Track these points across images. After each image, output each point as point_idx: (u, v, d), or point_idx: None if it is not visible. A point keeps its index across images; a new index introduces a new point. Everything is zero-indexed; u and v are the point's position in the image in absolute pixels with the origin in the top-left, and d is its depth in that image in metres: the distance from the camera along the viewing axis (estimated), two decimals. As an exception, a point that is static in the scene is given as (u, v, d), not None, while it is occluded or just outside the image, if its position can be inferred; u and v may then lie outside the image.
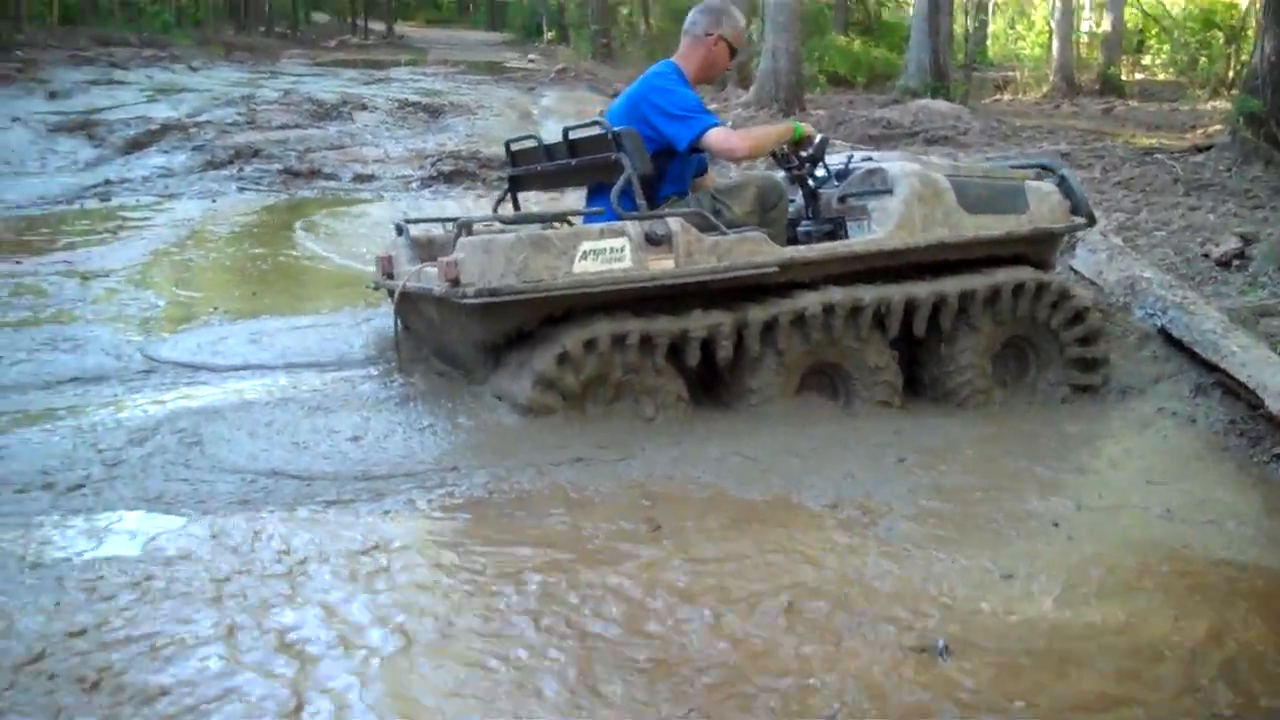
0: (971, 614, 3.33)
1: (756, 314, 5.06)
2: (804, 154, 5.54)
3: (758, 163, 8.53)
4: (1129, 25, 30.31)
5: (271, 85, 21.54)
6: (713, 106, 19.57)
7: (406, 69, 29.08)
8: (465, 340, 5.03)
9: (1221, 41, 26.34)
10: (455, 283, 4.66)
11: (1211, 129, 16.55)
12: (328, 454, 4.44)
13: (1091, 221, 5.99)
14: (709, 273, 4.93)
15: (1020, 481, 4.57)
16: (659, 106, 5.16)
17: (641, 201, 4.88)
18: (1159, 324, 5.87)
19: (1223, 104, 20.39)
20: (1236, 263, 6.96)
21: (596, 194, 5.43)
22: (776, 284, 5.16)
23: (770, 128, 5.61)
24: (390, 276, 5.50)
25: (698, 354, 5.00)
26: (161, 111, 16.39)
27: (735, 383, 5.22)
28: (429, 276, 4.97)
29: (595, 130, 5.12)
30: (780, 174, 5.72)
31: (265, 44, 36.04)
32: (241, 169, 12.35)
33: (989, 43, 36.75)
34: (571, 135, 5.30)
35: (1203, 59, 26.86)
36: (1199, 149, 12.71)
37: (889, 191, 5.40)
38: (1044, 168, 6.07)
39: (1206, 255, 7.18)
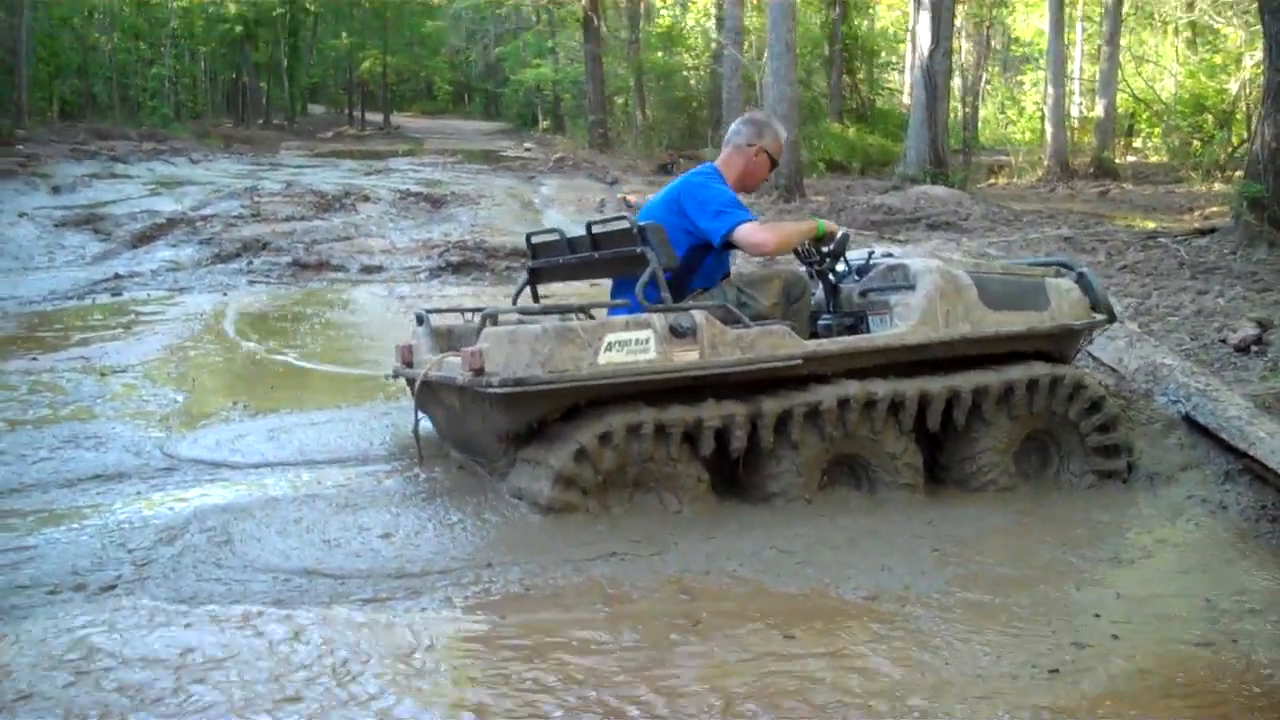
0: (1020, 711, 3.29)
1: (771, 406, 5.06)
2: (826, 249, 5.60)
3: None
4: (1120, 109, 30.64)
5: (273, 177, 21.71)
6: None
7: (405, 159, 29.36)
8: (487, 430, 5.02)
9: (1213, 125, 26.63)
10: (479, 372, 4.66)
11: (1209, 211, 16.69)
12: (360, 552, 4.41)
13: (1112, 318, 6.03)
14: (733, 365, 4.93)
15: (1057, 572, 4.55)
16: (698, 200, 5.28)
17: (666, 294, 4.91)
18: (1183, 411, 5.86)
19: (1218, 187, 20.58)
20: (1255, 348, 6.96)
21: (620, 287, 5.47)
22: (797, 377, 5.16)
23: (797, 224, 5.66)
24: (410, 365, 5.51)
25: (712, 443, 4.99)
26: (166, 205, 16.49)
27: (757, 485, 5.21)
28: (451, 366, 4.97)
29: (621, 224, 5.16)
30: (802, 269, 5.75)
31: (263, 136, 36.43)
32: (250, 262, 12.38)
33: (980, 127, 37.13)
34: (595, 229, 5.33)
35: (1195, 142, 27.14)
36: (1201, 232, 12.80)
37: (911, 287, 5.43)
38: (1063, 265, 6.10)
39: (1224, 341, 7.18)
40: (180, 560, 4.29)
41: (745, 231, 5.20)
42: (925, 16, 20.43)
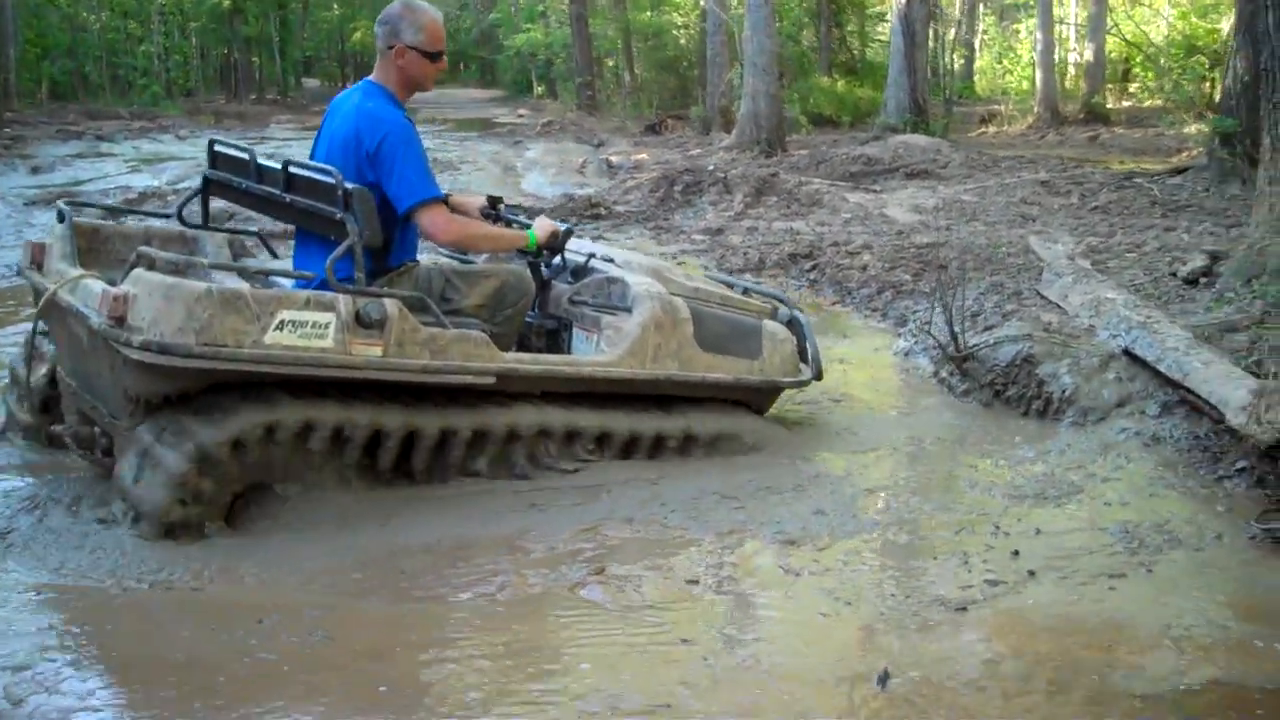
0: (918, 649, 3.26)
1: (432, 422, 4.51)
2: (550, 248, 5.02)
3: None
4: (1113, 54, 30.36)
5: (257, 151, 21.54)
6: (695, 151, 19.57)
7: (395, 129, 29.14)
8: (115, 384, 4.20)
9: (1206, 66, 26.37)
10: (120, 321, 3.85)
11: (1194, 152, 16.55)
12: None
13: (818, 377, 5.65)
14: (417, 370, 4.30)
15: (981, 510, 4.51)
16: (399, 155, 4.42)
17: (361, 275, 4.20)
18: (1123, 344, 5.76)
19: (1206, 127, 20.39)
20: (1204, 280, 6.88)
21: (307, 244, 4.64)
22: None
23: (494, 231, 5.02)
24: (39, 268, 4.63)
25: (359, 451, 4.39)
26: (142, 181, 16.37)
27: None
28: (88, 293, 4.09)
29: (325, 177, 4.27)
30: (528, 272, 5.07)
31: (255, 111, 36.27)
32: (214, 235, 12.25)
33: (976, 78, 36.90)
34: (292, 170, 4.48)
35: (1184, 84, 26.91)
36: (1177, 171, 12.72)
37: (627, 310, 5.00)
38: (779, 300, 5.83)
39: (1174, 274, 7.10)
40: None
41: (429, 212, 4.44)
42: (904, -35, 20.24)
